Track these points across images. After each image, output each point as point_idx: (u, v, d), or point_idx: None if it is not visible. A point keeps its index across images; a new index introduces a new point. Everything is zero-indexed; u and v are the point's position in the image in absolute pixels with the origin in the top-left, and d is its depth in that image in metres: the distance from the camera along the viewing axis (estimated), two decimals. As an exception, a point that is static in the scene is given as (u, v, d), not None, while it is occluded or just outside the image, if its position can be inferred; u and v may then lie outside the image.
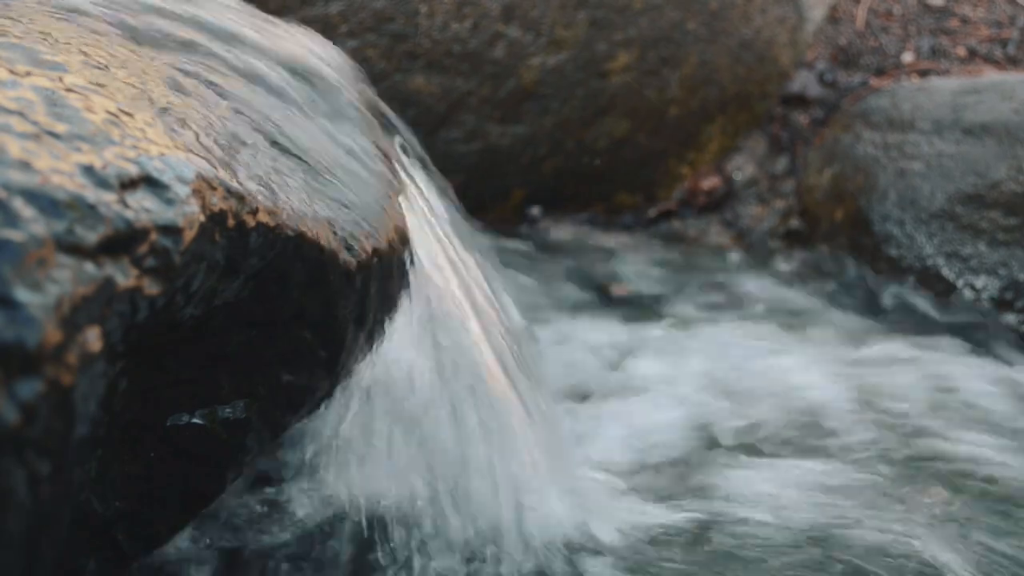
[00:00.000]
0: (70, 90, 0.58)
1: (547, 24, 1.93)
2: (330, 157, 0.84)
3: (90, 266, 0.47)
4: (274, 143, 0.78)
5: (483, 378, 0.99)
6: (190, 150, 0.61)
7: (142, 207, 0.52)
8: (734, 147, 2.20)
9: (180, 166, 0.58)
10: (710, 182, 2.14)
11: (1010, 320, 1.57)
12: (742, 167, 2.19)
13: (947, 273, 1.66)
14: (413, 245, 0.91)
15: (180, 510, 0.77)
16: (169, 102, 0.67)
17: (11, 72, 0.56)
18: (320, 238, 0.72)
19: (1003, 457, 1.16)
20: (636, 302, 1.77)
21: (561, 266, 1.90)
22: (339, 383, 0.83)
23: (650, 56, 2.03)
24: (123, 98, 0.62)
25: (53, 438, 0.42)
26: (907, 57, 2.28)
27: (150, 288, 0.52)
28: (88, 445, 0.47)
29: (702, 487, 1.09)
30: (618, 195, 2.14)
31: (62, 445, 0.43)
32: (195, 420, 0.73)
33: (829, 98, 2.21)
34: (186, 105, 0.69)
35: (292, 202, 0.70)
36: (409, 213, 0.94)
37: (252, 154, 0.71)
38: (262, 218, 0.65)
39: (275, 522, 0.93)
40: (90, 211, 0.48)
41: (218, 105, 0.75)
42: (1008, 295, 1.59)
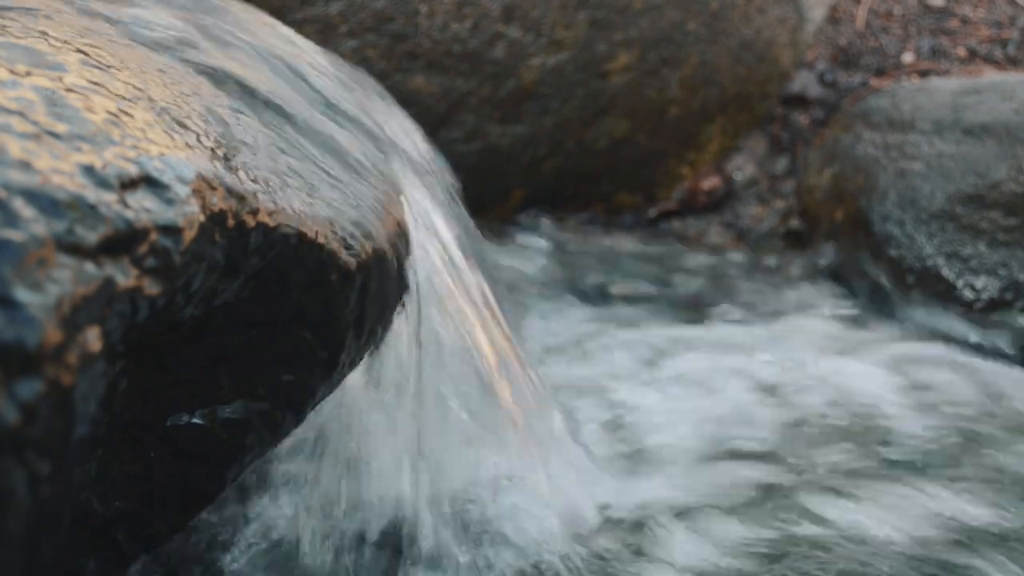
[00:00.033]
0: (70, 90, 0.58)
1: (547, 24, 1.93)
2: (330, 156, 0.84)
3: (90, 266, 0.47)
4: (274, 143, 0.78)
5: (483, 378, 0.99)
6: (190, 150, 0.61)
7: (142, 207, 0.52)
8: (734, 147, 2.20)
9: (180, 166, 0.58)
10: (710, 182, 2.14)
11: (1010, 320, 1.57)
12: (742, 167, 2.19)
13: (947, 273, 1.66)
14: (414, 244, 0.91)
15: (180, 510, 0.77)
16: (169, 102, 0.67)
17: (11, 72, 0.56)
18: (320, 238, 0.72)
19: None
20: (636, 302, 1.77)
21: (561, 266, 1.90)
22: (339, 383, 0.83)
23: (650, 56, 2.03)
24: (123, 98, 0.62)
25: (53, 438, 0.42)
26: (907, 57, 2.27)
27: (150, 288, 0.52)
28: (88, 445, 0.47)
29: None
30: (618, 195, 2.14)
31: (62, 445, 0.43)
32: (195, 420, 0.73)
33: (829, 98, 2.21)
34: (186, 105, 0.69)
35: (292, 202, 0.70)
36: (410, 212, 0.94)
37: (252, 154, 0.71)
38: (262, 218, 0.65)
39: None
40: (90, 211, 0.48)
41: (219, 105, 0.75)
42: (1008, 295, 1.58)
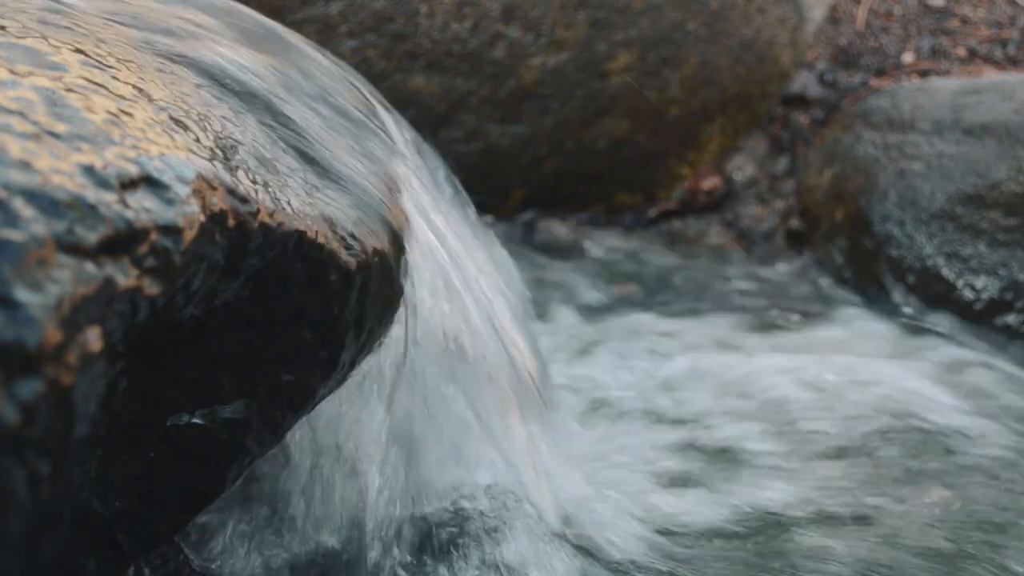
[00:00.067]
0: (70, 90, 0.58)
1: (547, 24, 1.93)
2: (331, 156, 0.84)
3: (90, 266, 0.47)
4: (274, 142, 0.78)
5: (483, 378, 0.99)
6: (190, 150, 0.61)
7: (142, 207, 0.52)
8: (734, 147, 2.20)
9: (180, 166, 0.58)
10: (710, 182, 2.14)
11: (1009, 321, 1.57)
12: (742, 167, 2.19)
13: (947, 273, 1.66)
14: (415, 243, 0.91)
15: (180, 510, 0.77)
16: (169, 102, 0.67)
17: (11, 72, 0.56)
18: (320, 238, 0.72)
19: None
20: (636, 301, 1.77)
21: (561, 266, 1.91)
22: (340, 383, 0.82)
23: (650, 56, 2.03)
24: (123, 98, 0.62)
25: (53, 438, 0.42)
26: (907, 57, 2.27)
27: (150, 288, 0.52)
28: (88, 445, 0.47)
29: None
30: (618, 195, 2.14)
31: (62, 445, 0.43)
32: (195, 420, 0.73)
33: (829, 98, 2.21)
34: (186, 105, 0.69)
35: (292, 202, 0.70)
36: (411, 211, 0.94)
37: (252, 153, 0.71)
38: (262, 218, 0.65)
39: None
40: (90, 211, 0.48)
41: (218, 105, 0.75)
42: (1008, 295, 1.58)
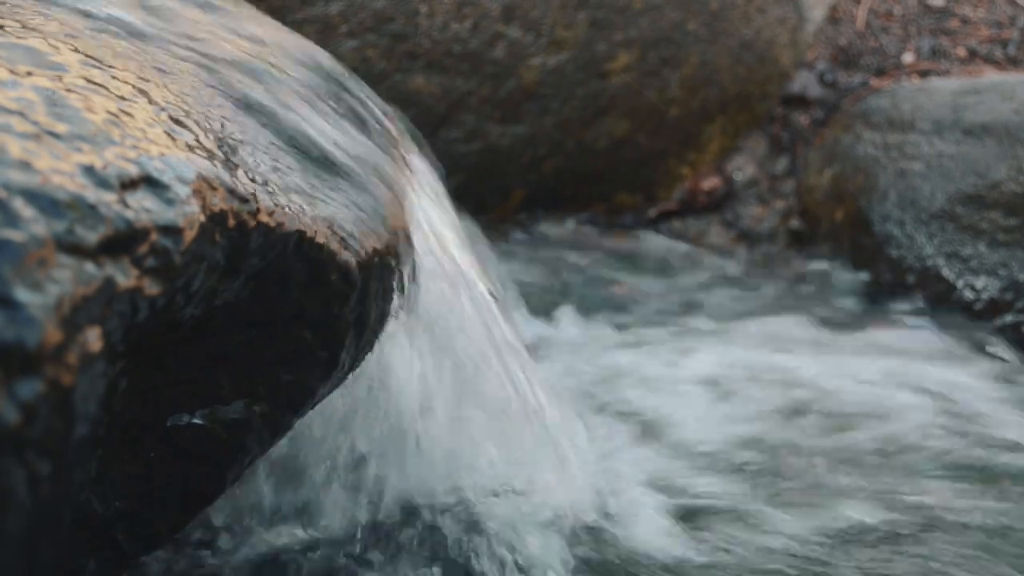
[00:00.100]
0: (70, 90, 0.58)
1: (547, 24, 1.93)
2: (331, 155, 0.84)
3: (90, 266, 0.47)
4: (274, 142, 0.78)
5: (482, 379, 0.99)
6: (191, 150, 0.61)
7: (142, 207, 0.52)
8: (734, 147, 2.20)
9: (181, 166, 0.58)
10: (710, 182, 2.14)
11: (1009, 320, 1.57)
12: (742, 167, 2.18)
13: (947, 274, 1.66)
14: (415, 243, 0.91)
15: (180, 510, 0.77)
16: (169, 102, 0.67)
17: (11, 72, 0.56)
18: (320, 238, 0.72)
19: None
20: (636, 301, 1.77)
21: (561, 266, 1.90)
22: (340, 383, 0.82)
23: (650, 56, 2.03)
24: (123, 98, 0.62)
25: (53, 438, 0.42)
26: (907, 57, 2.27)
27: (150, 288, 0.52)
28: (88, 445, 0.47)
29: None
30: (618, 195, 2.14)
31: (62, 445, 0.43)
32: (195, 420, 0.73)
33: (829, 98, 2.21)
34: (186, 105, 0.69)
35: (292, 202, 0.70)
36: (411, 211, 0.94)
37: (252, 153, 0.71)
38: (263, 218, 0.65)
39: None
40: (90, 211, 0.48)
41: (219, 105, 0.75)
42: (1008, 296, 1.58)
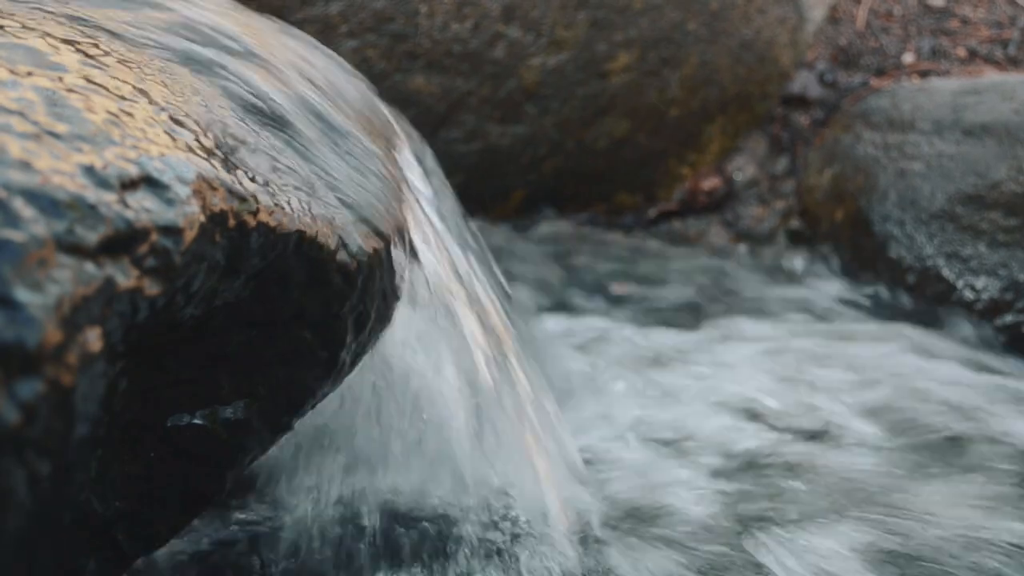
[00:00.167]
0: (71, 90, 0.58)
1: (547, 24, 1.93)
2: (331, 156, 0.84)
3: (90, 266, 0.47)
4: (273, 142, 0.78)
5: (481, 378, 0.99)
6: (191, 150, 0.61)
7: (143, 207, 0.52)
8: (734, 147, 2.20)
9: (181, 166, 0.58)
10: (710, 182, 2.14)
11: (1009, 321, 1.57)
12: (743, 167, 2.19)
13: (947, 274, 1.66)
14: (414, 243, 0.91)
15: (180, 510, 0.77)
16: (169, 102, 0.67)
17: (11, 72, 0.56)
18: (321, 238, 0.72)
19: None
20: (636, 300, 1.77)
21: (561, 265, 1.91)
22: (340, 382, 0.82)
23: (650, 56, 2.03)
24: (123, 98, 0.62)
25: (53, 438, 0.42)
26: (907, 58, 2.27)
27: (150, 288, 0.52)
28: (88, 445, 0.47)
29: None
30: (618, 195, 2.14)
31: (62, 445, 0.43)
32: (195, 420, 0.73)
33: (829, 98, 2.21)
34: (187, 105, 0.69)
35: (292, 202, 0.70)
36: (410, 211, 0.94)
37: (252, 153, 0.71)
38: (263, 218, 0.65)
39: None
40: (90, 211, 0.48)
41: (219, 105, 0.75)
42: (1008, 296, 1.58)
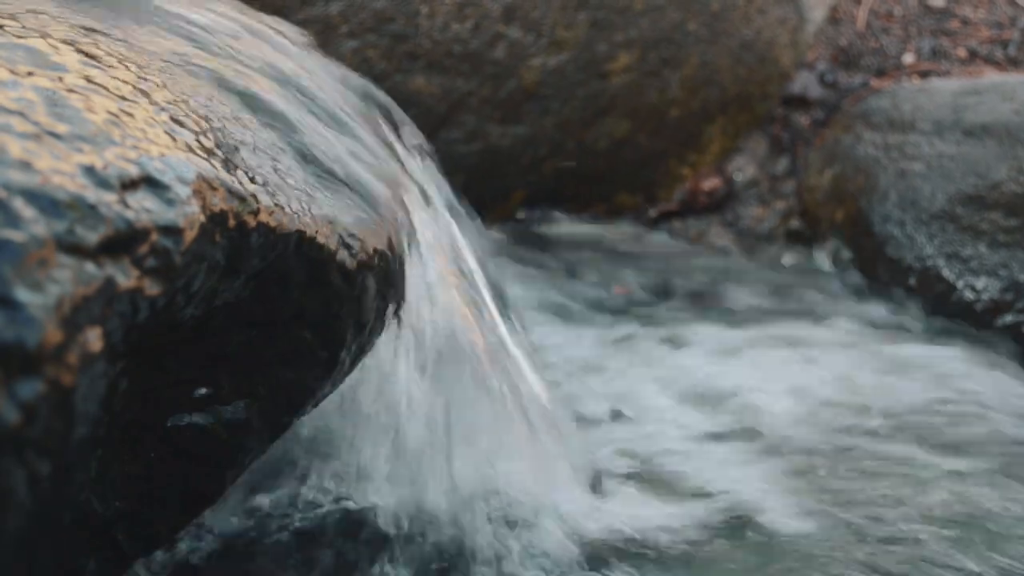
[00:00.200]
0: (71, 90, 0.58)
1: (548, 25, 1.93)
2: (331, 155, 0.84)
3: (91, 266, 0.47)
4: (274, 142, 0.78)
5: (481, 380, 0.99)
6: (191, 150, 0.61)
7: (143, 207, 0.52)
8: (735, 148, 2.20)
9: (181, 166, 0.58)
10: (711, 183, 2.14)
11: (1009, 321, 1.57)
12: (743, 168, 2.18)
13: (947, 274, 1.66)
14: (415, 243, 0.91)
15: (180, 510, 0.77)
16: (169, 102, 0.67)
17: (12, 72, 0.56)
18: (320, 238, 0.72)
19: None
20: (636, 300, 1.77)
21: (562, 266, 1.90)
22: (340, 382, 0.83)
23: (651, 57, 2.03)
24: (124, 98, 0.62)
25: (53, 438, 0.42)
26: (908, 58, 2.27)
27: (151, 288, 0.52)
28: (88, 445, 0.47)
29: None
30: (619, 196, 2.14)
31: (62, 445, 0.43)
32: (195, 420, 0.73)
33: (830, 99, 2.21)
34: (187, 105, 0.69)
35: (292, 202, 0.70)
36: (411, 211, 0.94)
37: (252, 154, 0.71)
38: (263, 218, 0.65)
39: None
40: (91, 211, 0.48)
41: (219, 105, 0.75)
42: (1008, 296, 1.58)
